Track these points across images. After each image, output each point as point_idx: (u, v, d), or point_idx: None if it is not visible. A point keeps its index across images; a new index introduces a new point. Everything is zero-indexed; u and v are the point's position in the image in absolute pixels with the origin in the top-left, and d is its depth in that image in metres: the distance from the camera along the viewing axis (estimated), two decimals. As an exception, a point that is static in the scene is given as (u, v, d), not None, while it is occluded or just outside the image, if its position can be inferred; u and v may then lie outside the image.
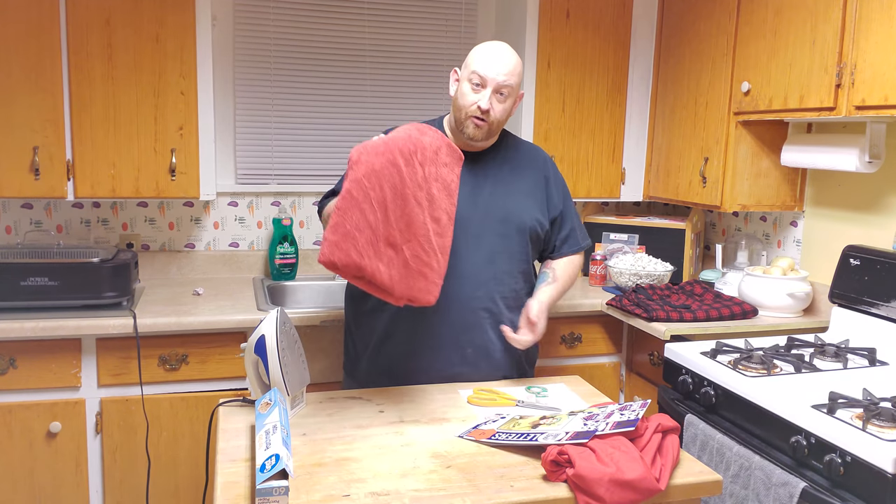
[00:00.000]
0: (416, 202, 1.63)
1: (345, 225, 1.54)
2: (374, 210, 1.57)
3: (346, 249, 1.54)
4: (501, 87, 1.88)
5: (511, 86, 1.90)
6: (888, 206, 2.36)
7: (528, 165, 2.07)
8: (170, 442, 2.39)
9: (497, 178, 2.01)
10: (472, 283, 1.94)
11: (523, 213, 2.01)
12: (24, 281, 2.29)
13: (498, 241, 1.97)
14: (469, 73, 1.90)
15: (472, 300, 1.93)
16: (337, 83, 3.08)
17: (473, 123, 1.91)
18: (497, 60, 1.88)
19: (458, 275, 1.92)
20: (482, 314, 1.95)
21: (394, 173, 1.61)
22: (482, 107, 1.88)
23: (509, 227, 1.98)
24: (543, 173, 2.09)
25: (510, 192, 2.01)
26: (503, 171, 2.03)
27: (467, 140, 1.96)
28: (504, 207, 1.99)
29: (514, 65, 1.90)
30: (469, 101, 1.89)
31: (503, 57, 1.89)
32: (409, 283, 1.62)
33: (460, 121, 1.94)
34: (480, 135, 1.94)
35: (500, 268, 1.97)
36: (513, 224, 1.99)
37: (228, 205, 3.01)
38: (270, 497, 1.21)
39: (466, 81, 1.91)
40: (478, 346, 1.95)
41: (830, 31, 2.14)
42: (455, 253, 1.92)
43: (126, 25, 2.46)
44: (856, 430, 1.58)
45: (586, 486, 1.30)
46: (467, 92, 1.90)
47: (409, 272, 1.62)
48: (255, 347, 1.64)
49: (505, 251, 1.98)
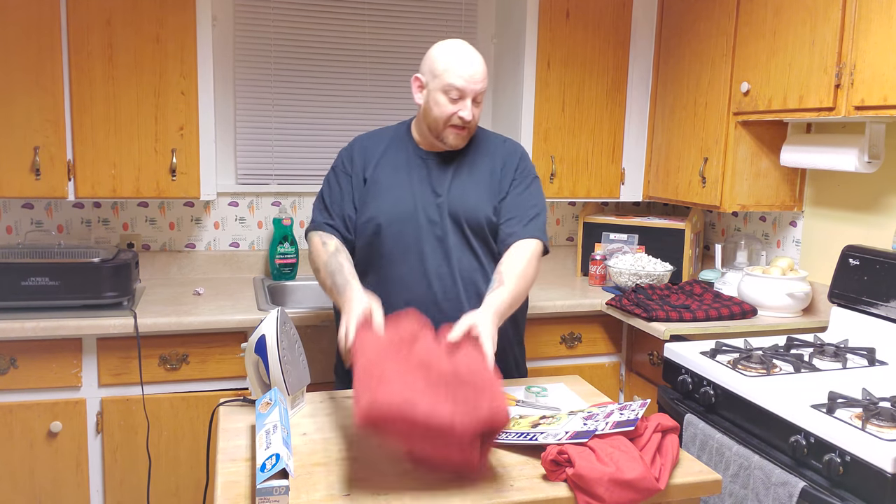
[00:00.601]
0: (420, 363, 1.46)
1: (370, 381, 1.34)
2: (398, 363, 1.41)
3: (387, 391, 1.30)
4: (479, 95, 1.89)
5: (484, 89, 1.90)
6: (887, 206, 2.36)
7: (486, 155, 2.02)
8: (170, 442, 2.39)
9: (456, 174, 1.99)
10: (439, 286, 1.93)
11: (477, 208, 1.96)
12: (24, 281, 2.29)
13: (458, 240, 1.95)
14: (444, 85, 1.85)
15: (442, 302, 1.92)
16: (337, 83, 3.08)
17: (455, 133, 1.90)
18: (471, 69, 1.86)
19: (426, 278, 1.92)
20: (454, 315, 1.92)
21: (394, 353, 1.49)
22: (466, 118, 1.87)
23: (465, 225, 1.96)
24: (501, 161, 2.01)
25: (467, 188, 1.98)
26: (463, 166, 2.00)
27: (448, 148, 1.95)
28: (460, 205, 1.95)
29: (484, 68, 1.89)
30: (448, 111, 1.87)
31: (474, 64, 1.87)
32: (476, 404, 1.33)
33: (438, 131, 1.92)
34: (463, 142, 1.94)
35: (464, 266, 1.95)
36: (469, 221, 1.95)
37: (229, 205, 3.01)
38: (271, 496, 1.22)
39: (441, 94, 1.87)
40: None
41: (830, 32, 2.14)
42: (421, 256, 1.92)
43: (126, 25, 2.47)
44: (855, 430, 1.59)
45: (586, 485, 1.30)
46: (444, 103, 1.87)
47: (466, 398, 1.35)
48: (255, 347, 1.65)
49: (466, 249, 1.96)
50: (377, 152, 2.02)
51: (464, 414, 1.28)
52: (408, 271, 1.93)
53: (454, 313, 1.93)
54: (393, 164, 1.99)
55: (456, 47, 1.89)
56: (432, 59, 1.89)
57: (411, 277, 1.92)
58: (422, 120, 1.97)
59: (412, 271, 1.93)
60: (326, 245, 1.93)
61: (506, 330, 2.00)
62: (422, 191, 1.95)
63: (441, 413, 1.27)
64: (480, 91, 1.88)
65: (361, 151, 2.03)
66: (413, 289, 1.92)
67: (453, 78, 1.85)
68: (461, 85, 1.85)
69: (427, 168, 1.98)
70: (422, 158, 1.99)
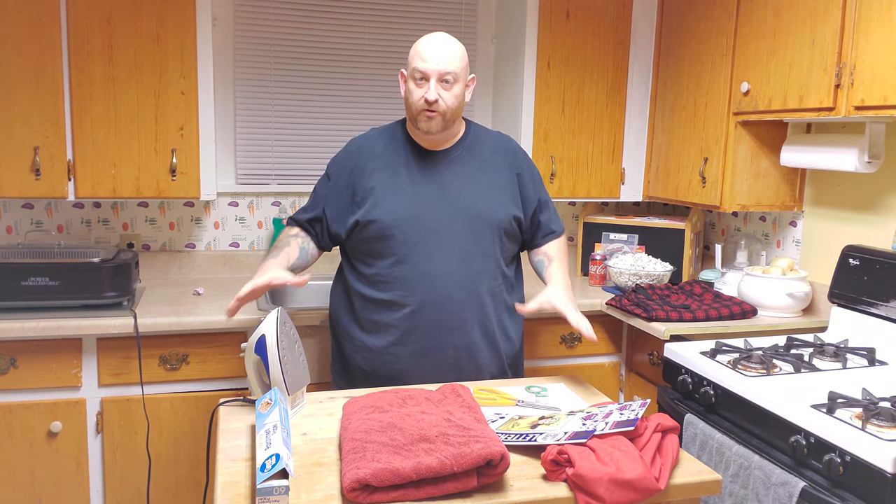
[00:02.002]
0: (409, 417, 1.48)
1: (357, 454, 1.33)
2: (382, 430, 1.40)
3: (370, 460, 1.29)
4: (445, 75, 1.89)
5: (454, 72, 1.90)
6: (887, 205, 2.36)
7: (498, 158, 2.05)
8: (170, 442, 2.39)
9: (466, 175, 1.99)
10: (448, 286, 1.93)
11: (495, 209, 1.99)
12: (24, 281, 2.29)
13: (470, 241, 1.96)
14: (411, 70, 1.91)
15: (449, 303, 1.93)
16: (337, 83, 3.08)
17: (425, 116, 1.92)
18: (435, 51, 1.89)
19: (433, 278, 1.92)
20: (462, 316, 1.94)
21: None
22: (429, 98, 1.88)
23: (481, 225, 1.97)
24: (515, 164, 2.07)
25: (480, 189, 1.99)
26: (471, 167, 2.01)
27: (425, 135, 1.96)
28: (474, 205, 1.97)
29: (453, 51, 1.91)
30: (416, 96, 1.91)
31: (441, 46, 1.90)
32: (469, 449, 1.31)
33: (413, 118, 1.94)
34: (435, 126, 1.93)
35: (475, 267, 1.96)
36: (484, 221, 1.97)
37: (229, 205, 3.01)
38: (271, 496, 1.22)
39: (411, 81, 1.92)
40: (459, 349, 1.95)
41: (830, 32, 2.14)
42: (428, 257, 1.93)
43: (126, 25, 2.47)
44: (855, 430, 1.59)
45: (586, 485, 1.30)
46: (413, 89, 1.91)
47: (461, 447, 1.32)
48: (255, 347, 1.65)
49: (478, 250, 1.97)
50: (373, 154, 2.01)
51: (455, 457, 1.28)
52: (416, 271, 1.93)
53: (464, 313, 1.94)
54: (392, 166, 1.99)
55: (428, 37, 1.93)
56: (410, 51, 1.95)
57: (420, 277, 1.93)
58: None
59: (420, 271, 1.93)
60: (292, 230, 2.07)
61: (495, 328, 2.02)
62: (426, 190, 1.95)
63: (429, 463, 1.27)
64: (446, 72, 1.89)
65: (352, 154, 2.04)
66: (422, 289, 1.92)
67: (416, 62, 1.90)
68: (423, 67, 1.88)
69: (430, 166, 1.98)
70: (423, 158, 1.99)
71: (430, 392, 1.63)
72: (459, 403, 1.55)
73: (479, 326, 1.97)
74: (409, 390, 1.64)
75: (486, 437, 1.33)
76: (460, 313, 1.94)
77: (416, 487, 1.27)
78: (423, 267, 1.92)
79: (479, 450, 1.28)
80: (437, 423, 1.41)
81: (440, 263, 1.93)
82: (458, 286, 1.94)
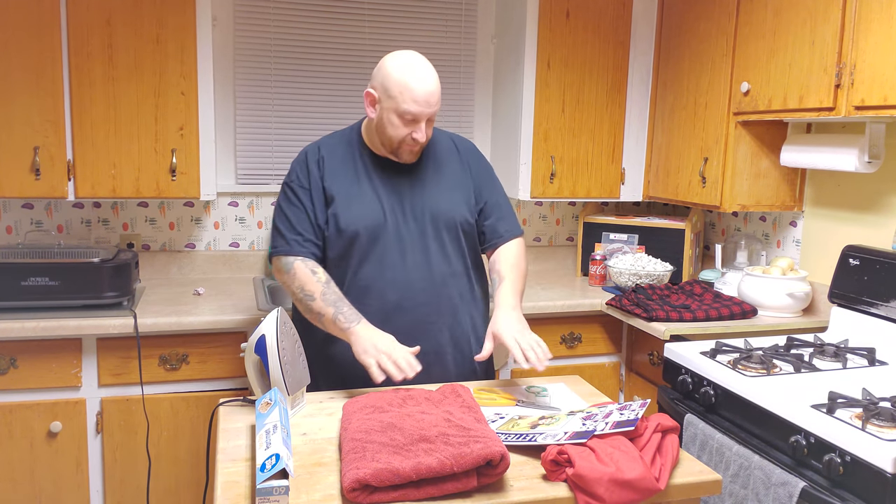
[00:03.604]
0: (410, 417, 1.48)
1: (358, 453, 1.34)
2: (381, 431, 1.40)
3: (370, 460, 1.29)
4: (433, 116, 1.87)
5: (438, 109, 1.87)
6: (887, 206, 2.36)
7: (449, 157, 2.03)
8: (170, 442, 2.39)
9: (420, 177, 1.97)
10: (412, 291, 1.91)
11: (451, 210, 1.96)
12: (24, 281, 2.29)
13: (431, 244, 1.94)
14: (399, 109, 1.82)
15: (416, 307, 1.90)
16: (337, 83, 3.08)
17: (408, 150, 1.90)
18: (425, 95, 1.81)
19: (397, 284, 1.90)
20: (430, 320, 1.92)
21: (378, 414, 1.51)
22: (420, 140, 1.86)
23: (439, 228, 1.95)
24: (466, 162, 2.04)
25: (435, 191, 1.97)
26: (426, 169, 1.98)
27: (401, 161, 1.94)
28: (431, 208, 1.94)
29: (438, 88, 1.85)
30: (401, 133, 1.85)
31: (429, 87, 1.82)
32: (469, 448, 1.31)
33: (391, 147, 1.90)
34: (415, 157, 1.94)
35: (438, 269, 1.94)
36: (441, 223, 1.95)
37: (229, 205, 3.01)
38: (271, 496, 1.22)
39: (395, 116, 1.83)
40: (428, 354, 1.90)
41: (830, 32, 2.14)
42: (390, 264, 1.90)
43: (126, 26, 2.47)
44: (855, 430, 1.59)
45: (586, 485, 1.30)
46: (398, 124, 1.84)
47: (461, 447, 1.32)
48: (255, 347, 1.65)
49: (440, 252, 1.94)
50: (334, 161, 1.96)
51: (455, 457, 1.28)
52: (382, 278, 1.90)
53: (432, 317, 1.92)
54: (353, 173, 1.95)
55: (410, 68, 1.82)
56: (385, 77, 1.84)
57: (386, 284, 1.90)
58: (374, 131, 1.93)
59: (387, 278, 1.90)
60: (317, 275, 1.88)
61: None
62: (388, 196, 1.93)
63: (429, 464, 1.27)
64: (434, 112, 1.86)
65: (316, 162, 1.97)
66: (389, 296, 1.90)
67: (408, 104, 1.81)
68: (416, 110, 1.82)
69: (388, 173, 1.95)
70: (381, 165, 1.96)
71: (430, 392, 1.63)
72: (459, 403, 1.55)
73: (448, 330, 1.95)
74: (409, 390, 1.64)
75: (486, 437, 1.33)
76: (428, 318, 1.91)
77: (416, 487, 1.27)
78: (389, 274, 1.90)
79: (479, 450, 1.28)
80: (437, 423, 1.41)
81: (405, 269, 1.90)
82: (424, 291, 1.91)
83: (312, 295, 1.85)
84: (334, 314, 1.82)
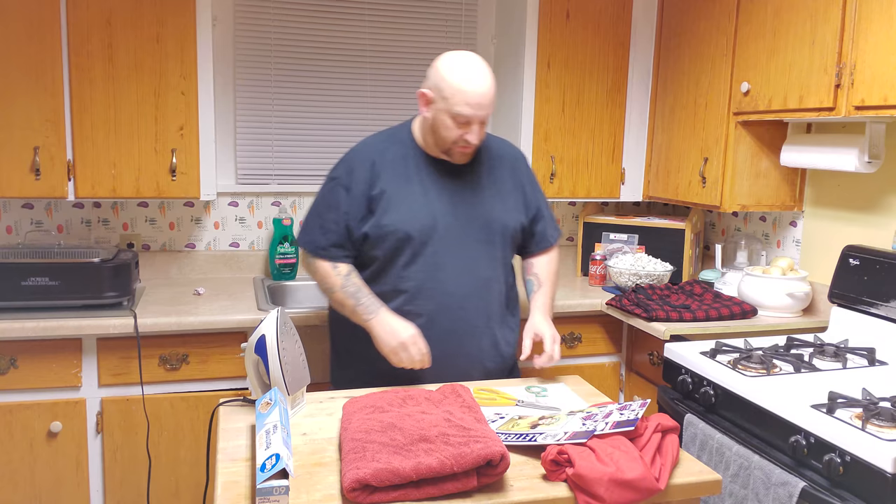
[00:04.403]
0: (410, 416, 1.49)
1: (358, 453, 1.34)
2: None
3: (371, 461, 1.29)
4: (486, 118, 1.86)
5: (492, 111, 1.87)
6: (888, 206, 2.36)
7: (504, 164, 2.04)
8: (170, 442, 2.39)
9: (475, 182, 1.98)
10: (460, 296, 1.93)
11: (505, 216, 1.99)
12: (24, 281, 2.29)
13: (481, 248, 1.96)
14: (452, 111, 1.81)
15: (459, 310, 1.92)
16: (337, 83, 3.08)
17: (461, 152, 1.90)
18: (481, 97, 1.81)
19: (444, 287, 1.92)
20: (473, 324, 1.94)
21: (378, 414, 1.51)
22: (473, 142, 1.86)
23: (492, 233, 1.97)
24: (518, 170, 2.07)
25: (489, 196, 1.98)
26: (480, 174, 2.00)
27: (453, 162, 1.95)
28: (485, 213, 1.96)
29: (494, 91, 1.85)
30: (454, 135, 1.85)
31: (483, 89, 1.81)
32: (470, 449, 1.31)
33: (444, 148, 1.91)
34: (468, 159, 1.94)
35: (483, 275, 1.96)
36: (495, 229, 1.97)
37: (229, 205, 3.01)
38: (271, 496, 1.22)
39: (449, 117, 1.83)
40: (472, 357, 1.94)
41: (830, 32, 2.14)
42: (439, 267, 1.92)
43: (126, 26, 2.47)
44: (855, 430, 1.59)
45: (586, 485, 1.30)
46: (451, 126, 1.84)
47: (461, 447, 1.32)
48: (255, 347, 1.65)
49: (487, 257, 1.97)
50: (385, 162, 1.95)
51: (455, 457, 1.28)
52: (431, 280, 1.92)
53: (477, 321, 1.94)
54: (404, 174, 1.94)
55: (465, 69, 1.82)
56: (440, 79, 1.83)
57: (434, 286, 1.92)
58: (428, 131, 1.93)
59: (435, 280, 1.92)
60: (337, 268, 1.93)
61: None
62: (439, 198, 1.94)
63: (429, 463, 1.27)
64: (488, 115, 1.86)
65: (364, 162, 1.95)
66: (436, 298, 1.91)
67: (461, 107, 1.81)
68: (469, 113, 1.81)
69: (441, 175, 1.96)
70: (433, 166, 1.97)
71: (430, 392, 1.63)
72: (459, 403, 1.55)
73: (488, 334, 1.98)
74: (409, 390, 1.64)
75: (486, 437, 1.33)
76: (472, 322, 1.94)
77: (416, 487, 1.27)
78: (436, 276, 1.92)
79: (480, 450, 1.28)
80: (437, 423, 1.41)
81: (453, 273, 1.92)
82: (470, 295, 1.94)
83: (333, 288, 1.93)
84: (354, 305, 1.89)
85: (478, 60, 1.85)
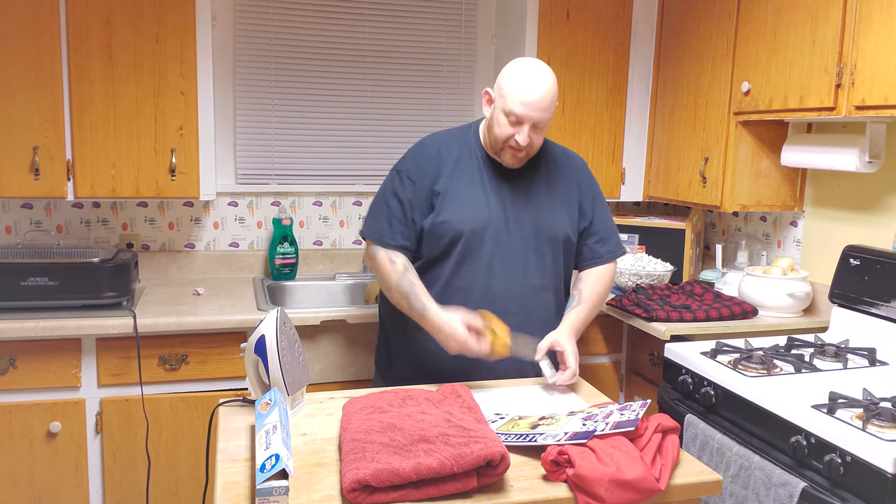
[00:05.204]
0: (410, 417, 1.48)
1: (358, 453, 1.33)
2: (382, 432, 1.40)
3: (371, 460, 1.29)
4: (539, 123, 1.85)
5: (548, 118, 1.86)
6: (888, 206, 2.36)
7: (562, 174, 2.04)
8: (170, 442, 2.39)
9: (530, 190, 1.98)
10: (506, 299, 1.93)
11: (556, 225, 1.99)
12: (24, 281, 2.29)
13: (532, 256, 1.96)
14: (506, 108, 1.83)
15: (507, 315, 1.89)
16: (337, 83, 3.08)
17: (511, 154, 1.90)
18: (537, 99, 1.82)
19: (492, 290, 1.92)
20: (519, 329, 1.91)
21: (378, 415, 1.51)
22: (521, 143, 1.86)
23: (542, 242, 1.97)
24: (577, 180, 2.05)
25: (543, 204, 1.98)
26: (537, 181, 2.00)
27: (504, 164, 1.95)
28: (537, 221, 1.97)
29: (551, 98, 1.84)
30: (506, 133, 1.86)
31: (539, 92, 1.82)
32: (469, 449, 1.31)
33: (496, 147, 1.92)
34: (518, 163, 1.93)
35: (531, 282, 1.96)
36: (545, 238, 1.97)
37: (228, 205, 3.01)
38: (270, 497, 1.21)
39: (502, 114, 1.85)
40: (511, 360, 1.92)
41: (830, 32, 2.14)
42: (490, 270, 1.93)
43: (126, 25, 2.46)
44: (856, 430, 1.58)
45: (586, 485, 1.30)
46: (504, 124, 1.85)
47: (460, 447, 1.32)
48: (255, 347, 1.64)
49: (537, 266, 1.97)
50: (450, 159, 1.97)
51: (455, 457, 1.28)
52: (480, 282, 1.93)
53: (521, 328, 1.93)
54: (467, 173, 1.96)
55: (526, 71, 1.85)
56: (503, 77, 1.87)
57: (483, 289, 1.93)
58: (487, 131, 1.96)
59: (484, 282, 1.93)
60: (395, 264, 1.92)
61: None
62: (495, 201, 1.94)
63: (429, 464, 1.27)
64: (541, 119, 1.84)
65: (432, 158, 1.97)
66: (483, 301, 1.91)
67: (514, 105, 1.82)
68: (520, 112, 1.82)
69: (500, 178, 1.96)
70: (494, 168, 1.97)
71: (430, 392, 1.63)
72: (459, 404, 1.55)
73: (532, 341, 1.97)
74: (409, 390, 1.64)
75: (486, 437, 1.33)
76: (517, 328, 1.92)
77: (416, 488, 1.27)
78: (486, 279, 1.93)
79: (480, 450, 1.28)
80: (437, 423, 1.40)
81: (502, 276, 1.93)
82: (517, 301, 1.94)
83: (389, 284, 1.92)
84: (408, 304, 1.89)
85: (542, 67, 1.87)
